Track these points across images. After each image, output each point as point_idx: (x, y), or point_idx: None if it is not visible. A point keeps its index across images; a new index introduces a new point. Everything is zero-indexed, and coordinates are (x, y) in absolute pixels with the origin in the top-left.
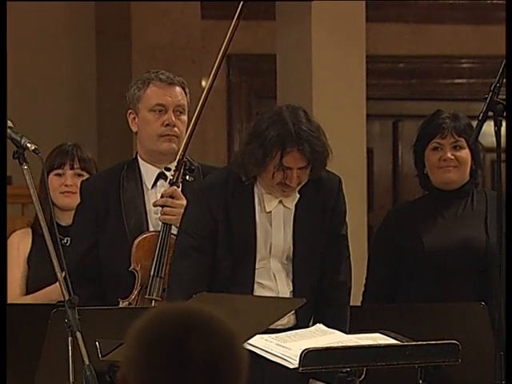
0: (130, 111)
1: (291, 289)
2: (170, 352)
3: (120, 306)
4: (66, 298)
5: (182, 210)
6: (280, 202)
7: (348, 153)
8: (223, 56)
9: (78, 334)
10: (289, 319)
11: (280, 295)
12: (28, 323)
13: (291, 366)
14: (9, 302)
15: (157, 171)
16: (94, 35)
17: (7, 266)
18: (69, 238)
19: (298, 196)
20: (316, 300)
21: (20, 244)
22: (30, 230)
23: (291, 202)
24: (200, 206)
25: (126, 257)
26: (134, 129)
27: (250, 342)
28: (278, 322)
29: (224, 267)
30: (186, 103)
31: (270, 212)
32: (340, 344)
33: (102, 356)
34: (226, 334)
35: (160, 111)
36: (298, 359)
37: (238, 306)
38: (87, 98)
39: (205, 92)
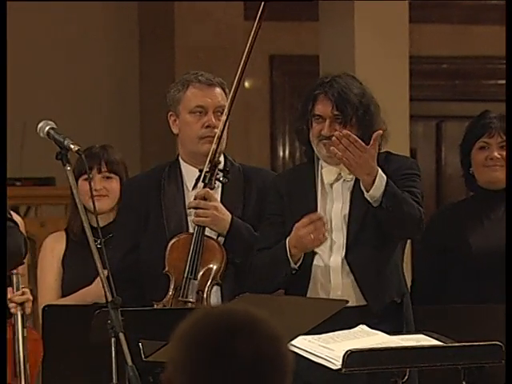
0: (170, 113)
1: (343, 259)
2: (215, 353)
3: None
4: (109, 299)
5: (215, 212)
6: (339, 174)
7: None
8: (247, 57)
9: (121, 335)
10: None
11: (331, 267)
12: (69, 324)
13: (334, 367)
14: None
15: (198, 173)
16: (137, 36)
17: (41, 269)
18: (100, 240)
19: None
20: None
21: (54, 247)
22: (64, 233)
23: (350, 174)
24: (269, 189)
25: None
26: (175, 130)
27: (293, 343)
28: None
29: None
30: (226, 104)
31: (331, 185)
32: (383, 345)
33: (145, 357)
34: (271, 336)
35: (200, 113)
36: (341, 360)
37: (282, 307)
38: (130, 100)
39: (231, 93)
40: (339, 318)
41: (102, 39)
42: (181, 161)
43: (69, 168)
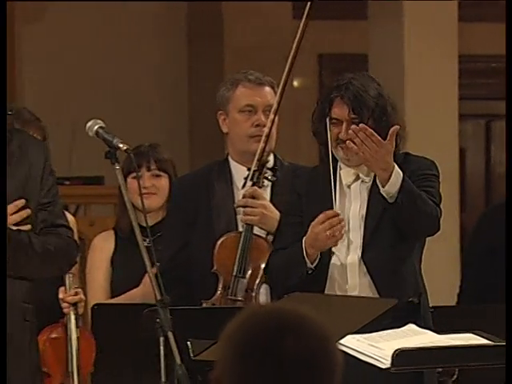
0: (220, 112)
1: (360, 259)
2: (264, 352)
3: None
4: (158, 297)
5: (264, 211)
6: (357, 175)
7: (441, 153)
8: (294, 56)
9: (170, 334)
10: None
11: (348, 266)
12: (118, 323)
13: (383, 366)
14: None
15: (247, 171)
16: (186, 35)
17: (90, 268)
18: (149, 239)
19: None
20: None
21: (103, 246)
22: (112, 232)
23: (369, 174)
24: (290, 189)
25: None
26: (225, 130)
27: (341, 341)
28: None
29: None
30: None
31: (349, 187)
32: (432, 344)
33: (194, 356)
34: (320, 334)
35: (249, 112)
36: (390, 359)
37: (330, 306)
38: (179, 99)
39: (279, 92)
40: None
41: (151, 38)
42: (230, 160)
43: (117, 167)
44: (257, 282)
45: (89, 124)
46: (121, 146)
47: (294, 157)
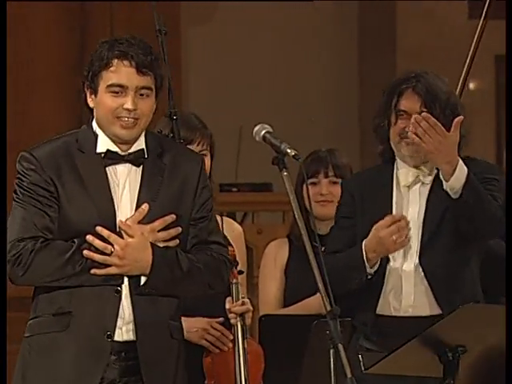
0: None
1: (417, 264)
2: None
3: None
4: (328, 308)
5: None
6: (417, 177)
7: None
8: (472, 58)
9: (340, 346)
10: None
11: (404, 273)
12: (287, 334)
13: None
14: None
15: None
16: (357, 37)
17: (263, 277)
18: (319, 247)
19: (436, 171)
20: None
21: (277, 255)
22: (286, 240)
23: (428, 176)
24: (342, 191)
25: None
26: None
27: None
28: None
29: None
30: None
31: (408, 188)
32: None
33: (365, 369)
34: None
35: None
36: None
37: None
38: (349, 102)
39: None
40: (413, 329)
41: (320, 40)
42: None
43: (285, 173)
44: None
45: (256, 129)
46: (289, 151)
47: None
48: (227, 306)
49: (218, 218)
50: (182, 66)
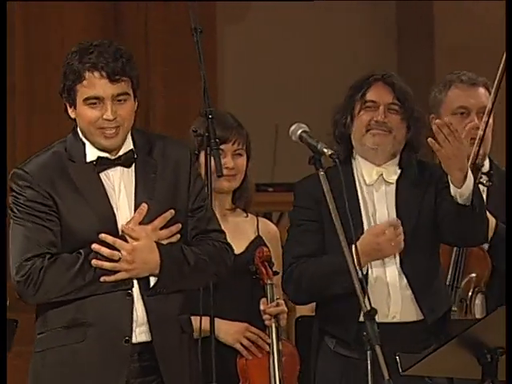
0: (431, 116)
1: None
2: None
3: None
4: (365, 309)
5: None
6: (380, 175)
7: None
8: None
9: (377, 348)
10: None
11: (389, 279)
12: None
13: None
14: None
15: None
16: (395, 36)
17: None
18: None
19: (400, 170)
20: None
21: None
22: None
23: (392, 175)
24: (302, 194)
25: None
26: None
27: None
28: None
29: (333, 244)
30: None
31: (371, 186)
32: None
33: (403, 371)
34: None
35: (462, 114)
36: None
37: None
38: None
39: (493, 93)
40: (402, 336)
41: (358, 39)
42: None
43: (322, 172)
44: (471, 291)
45: (292, 128)
46: (325, 151)
47: None
48: (262, 308)
49: (254, 218)
50: (218, 65)
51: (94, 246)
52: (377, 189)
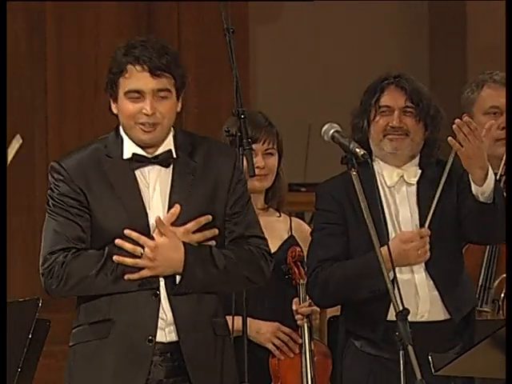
0: (464, 115)
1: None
2: None
3: None
4: (398, 309)
5: None
6: (401, 177)
7: None
8: None
9: (410, 348)
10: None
11: (416, 280)
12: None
13: None
14: None
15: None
16: (428, 36)
17: None
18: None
19: (420, 171)
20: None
21: None
22: None
23: (412, 177)
24: (325, 197)
25: None
26: None
27: None
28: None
29: (357, 247)
30: None
31: (393, 187)
32: None
33: (435, 371)
34: None
35: (495, 114)
36: None
37: None
38: None
39: None
40: (430, 336)
41: (390, 40)
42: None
43: (354, 173)
44: (504, 292)
45: (324, 128)
46: (358, 151)
47: None
48: (294, 307)
49: (287, 217)
50: (250, 65)
51: (117, 241)
52: (398, 190)
